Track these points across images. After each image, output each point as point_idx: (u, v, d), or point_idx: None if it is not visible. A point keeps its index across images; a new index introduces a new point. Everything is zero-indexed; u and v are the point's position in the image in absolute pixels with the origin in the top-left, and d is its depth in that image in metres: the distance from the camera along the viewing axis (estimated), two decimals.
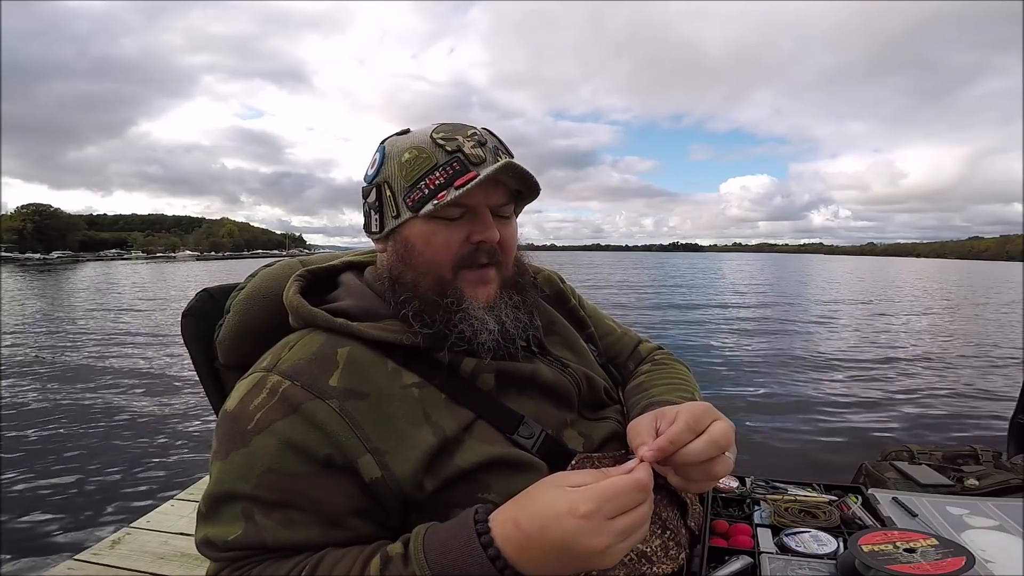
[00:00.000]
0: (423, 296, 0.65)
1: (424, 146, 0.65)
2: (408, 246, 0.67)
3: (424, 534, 0.53)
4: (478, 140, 0.66)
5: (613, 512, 0.48)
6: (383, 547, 0.55)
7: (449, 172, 0.63)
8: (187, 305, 0.81)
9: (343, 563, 0.54)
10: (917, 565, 0.68)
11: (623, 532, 0.49)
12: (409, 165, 0.65)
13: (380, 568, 0.52)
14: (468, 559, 0.50)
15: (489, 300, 0.67)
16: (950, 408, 5.22)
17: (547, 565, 0.49)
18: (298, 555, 0.56)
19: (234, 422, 0.59)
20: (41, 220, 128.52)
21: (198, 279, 28.04)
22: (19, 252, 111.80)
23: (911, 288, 25.20)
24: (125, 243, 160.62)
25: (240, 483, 0.56)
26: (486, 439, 0.62)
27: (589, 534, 0.47)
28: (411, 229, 0.66)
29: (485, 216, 0.66)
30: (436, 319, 0.64)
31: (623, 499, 0.49)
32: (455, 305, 0.65)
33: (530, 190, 0.69)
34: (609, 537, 0.48)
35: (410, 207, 0.65)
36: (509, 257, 0.70)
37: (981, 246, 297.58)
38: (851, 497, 0.97)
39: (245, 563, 0.56)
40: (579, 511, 0.48)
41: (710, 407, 0.61)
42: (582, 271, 40.78)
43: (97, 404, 5.31)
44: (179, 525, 2.10)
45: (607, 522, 0.48)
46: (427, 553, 0.51)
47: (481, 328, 0.65)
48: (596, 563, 0.49)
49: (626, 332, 0.97)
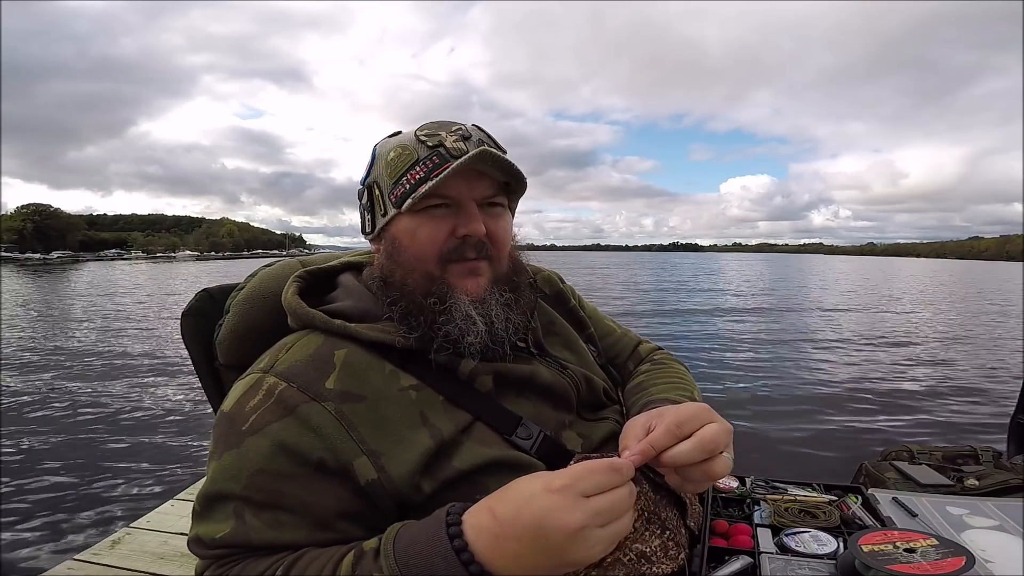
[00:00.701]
0: (409, 296, 0.65)
1: (408, 143, 0.66)
2: (395, 243, 0.67)
3: (398, 529, 0.53)
4: (462, 135, 0.66)
5: (589, 490, 0.47)
6: (358, 544, 0.54)
7: (428, 166, 0.64)
8: (187, 305, 0.81)
9: (319, 560, 0.53)
10: (917, 565, 0.68)
11: (599, 512, 0.47)
12: (393, 163, 0.66)
13: (352, 563, 0.51)
14: (434, 551, 0.48)
15: (479, 293, 0.66)
16: (950, 408, 5.22)
17: (523, 557, 0.47)
18: (279, 553, 0.56)
19: (230, 423, 0.59)
20: (41, 220, 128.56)
21: (198, 279, 28.06)
22: (19, 252, 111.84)
23: (911, 288, 25.20)
24: (125, 243, 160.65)
25: (231, 483, 0.56)
26: (484, 441, 0.62)
27: (562, 509, 0.46)
28: (397, 226, 0.67)
29: (470, 208, 0.65)
30: (421, 321, 0.63)
31: (597, 477, 0.48)
32: (439, 305, 0.64)
33: (515, 180, 0.69)
34: (584, 514, 0.46)
35: (394, 203, 0.65)
36: (501, 251, 0.69)
37: (981, 246, 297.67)
38: (851, 497, 0.97)
39: (230, 560, 0.56)
40: (553, 486, 0.47)
41: (706, 408, 0.60)
42: (582, 272, 40.76)
43: (97, 404, 5.31)
44: (179, 525, 2.11)
45: (582, 499, 0.47)
46: (396, 544, 0.50)
47: (468, 329, 0.64)
48: (574, 550, 0.46)
49: (626, 333, 0.97)
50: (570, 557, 0.47)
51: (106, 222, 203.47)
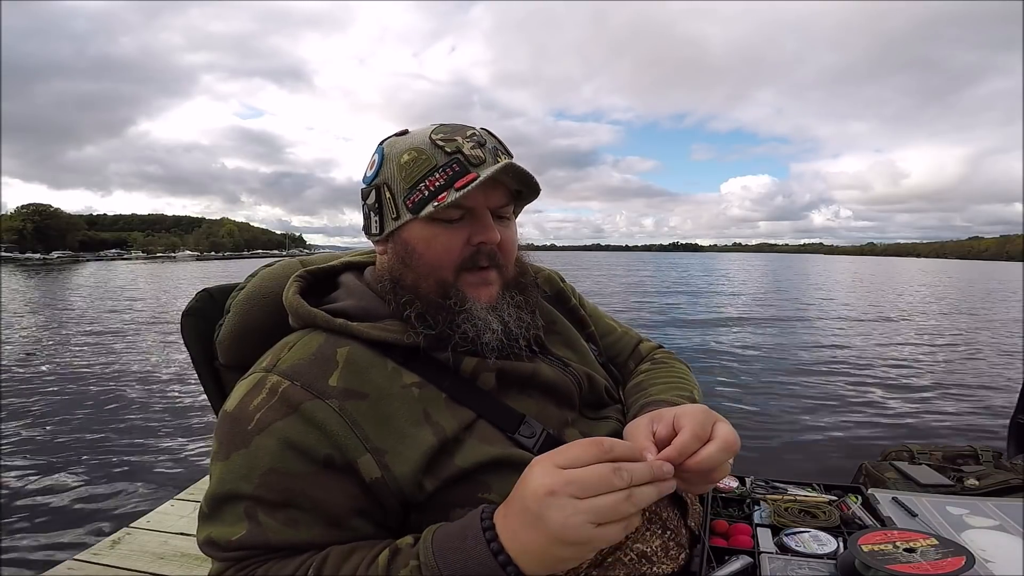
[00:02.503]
0: (425, 298, 0.65)
1: (423, 147, 0.65)
2: (409, 248, 0.67)
3: (435, 530, 0.54)
4: (477, 141, 0.66)
5: (563, 463, 0.47)
6: (391, 542, 0.55)
7: (449, 174, 0.63)
8: (187, 305, 0.81)
9: (351, 560, 0.54)
10: (917, 565, 0.68)
11: (571, 481, 0.46)
12: (408, 167, 0.65)
13: (388, 559, 0.52)
14: (468, 546, 0.50)
15: (491, 301, 0.67)
16: (950, 408, 5.22)
17: (518, 534, 0.48)
18: (302, 554, 0.56)
19: (234, 423, 0.59)
20: (41, 220, 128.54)
21: (199, 279, 28.05)
22: (19, 252, 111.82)
23: (911, 288, 25.20)
24: (125, 243, 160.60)
25: (242, 483, 0.56)
26: (487, 439, 0.62)
27: (536, 476, 0.48)
28: (411, 231, 0.66)
29: (485, 218, 0.66)
30: (439, 320, 0.64)
31: (575, 451, 0.48)
32: (459, 306, 0.65)
33: (530, 190, 0.69)
34: (553, 480, 0.46)
35: (410, 209, 0.65)
36: (510, 259, 0.70)
37: (981, 246, 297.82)
38: (851, 497, 0.97)
39: (249, 563, 0.56)
40: (535, 460, 0.50)
41: (708, 410, 0.59)
42: (582, 273, 40.73)
43: (97, 404, 5.31)
44: (179, 525, 2.11)
45: (556, 469, 0.47)
46: (434, 542, 0.52)
47: (485, 328, 0.65)
48: (549, 514, 0.46)
49: (627, 331, 0.97)
50: (549, 524, 0.46)
51: (106, 222, 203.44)
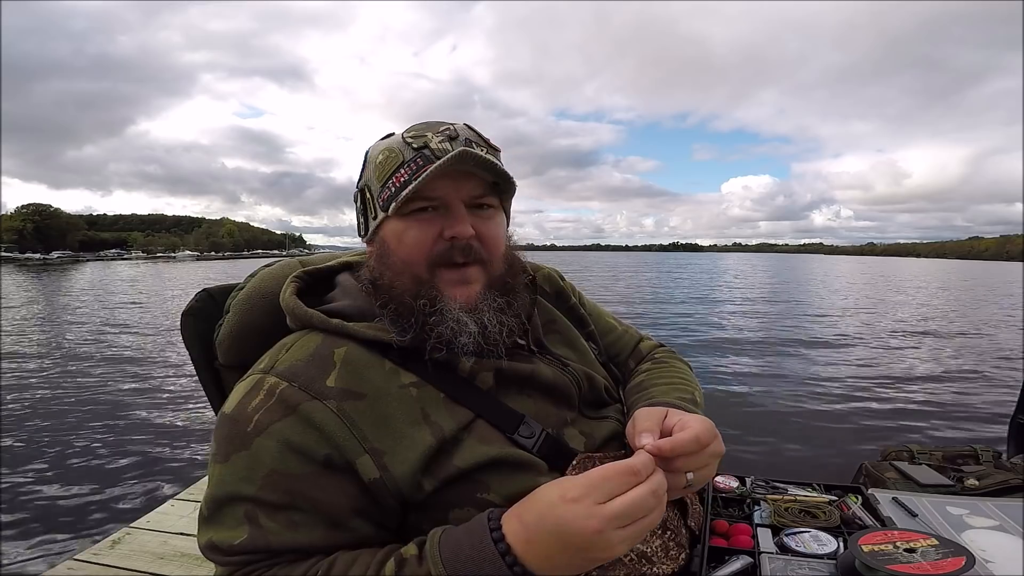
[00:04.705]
0: (398, 299, 0.64)
1: (394, 146, 0.66)
2: (384, 246, 0.67)
3: (440, 535, 0.54)
4: (448, 135, 0.65)
5: (603, 497, 0.49)
6: (396, 550, 0.55)
7: (412, 168, 0.63)
8: (187, 305, 0.81)
9: (357, 566, 0.54)
10: (917, 565, 0.68)
11: (616, 516, 0.48)
12: (381, 166, 0.66)
13: (396, 569, 0.52)
14: (481, 555, 0.50)
15: (469, 301, 0.65)
16: (950, 408, 5.22)
17: (553, 558, 0.50)
18: (307, 559, 0.56)
19: (233, 424, 0.59)
20: (41, 220, 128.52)
21: (198, 279, 28.05)
22: (19, 252, 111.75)
23: (911, 288, 25.19)
24: (125, 243, 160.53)
25: (244, 485, 0.56)
26: (485, 439, 0.62)
27: (578, 518, 0.48)
28: (386, 229, 0.67)
29: (457, 209, 0.65)
30: (412, 323, 0.63)
31: (611, 484, 0.50)
32: (429, 307, 0.63)
33: (502, 180, 0.67)
34: (599, 521, 0.48)
35: (382, 207, 0.66)
36: (493, 254, 0.68)
37: (981, 246, 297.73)
38: (851, 497, 0.97)
39: (253, 567, 0.56)
40: (568, 496, 0.50)
41: (713, 427, 0.61)
42: (583, 273, 40.71)
43: (97, 404, 5.31)
44: (179, 525, 2.11)
45: (597, 507, 0.49)
46: (442, 551, 0.52)
47: (460, 330, 0.63)
48: (597, 550, 0.49)
49: (627, 330, 0.97)
50: (594, 555, 0.50)
51: (106, 222, 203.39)
